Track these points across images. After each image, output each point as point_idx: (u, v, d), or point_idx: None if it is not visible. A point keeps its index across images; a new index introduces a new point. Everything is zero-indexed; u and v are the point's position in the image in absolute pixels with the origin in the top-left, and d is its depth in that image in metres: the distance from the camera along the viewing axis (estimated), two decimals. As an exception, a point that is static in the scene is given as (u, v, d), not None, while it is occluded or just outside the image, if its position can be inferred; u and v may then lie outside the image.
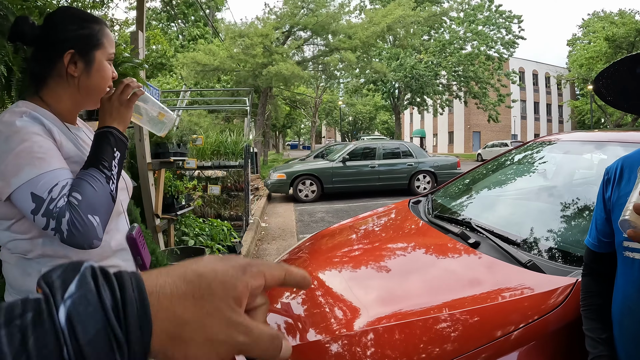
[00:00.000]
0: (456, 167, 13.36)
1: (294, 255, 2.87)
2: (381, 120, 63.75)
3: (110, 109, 1.31)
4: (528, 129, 54.66)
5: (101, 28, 1.34)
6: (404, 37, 23.43)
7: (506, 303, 1.63)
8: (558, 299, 1.56)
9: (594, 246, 1.40)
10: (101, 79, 1.34)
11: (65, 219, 1.10)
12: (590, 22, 44.05)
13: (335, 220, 8.97)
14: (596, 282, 1.38)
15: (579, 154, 2.89)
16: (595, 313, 1.35)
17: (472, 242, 2.20)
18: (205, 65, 18.83)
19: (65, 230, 1.10)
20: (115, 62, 2.51)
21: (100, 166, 1.21)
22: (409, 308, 1.69)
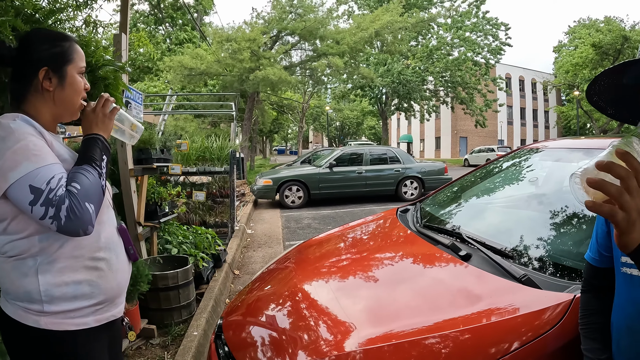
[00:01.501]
0: (443, 173, 13.36)
1: (280, 265, 2.80)
2: (368, 125, 63.88)
3: (96, 120, 1.47)
4: (514, 135, 55.13)
5: (71, 44, 1.47)
6: (391, 42, 23.44)
7: (501, 322, 1.56)
8: (555, 316, 1.50)
9: (594, 261, 1.33)
10: (74, 92, 1.46)
11: (64, 206, 1.22)
12: (576, 29, 44.59)
13: (321, 226, 8.90)
14: (596, 299, 1.31)
15: (568, 162, 2.84)
16: (595, 332, 1.29)
17: (463, 254, 2.13)
18: (192, 69, 18.63)
19: (63, 217, 1.22)
20: (96, 64, 2.43)
21: (92, 163, 1.37)
22: (401, 328, 1.62)
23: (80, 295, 1.37)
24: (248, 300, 2.36)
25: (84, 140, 1.45)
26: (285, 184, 11.87)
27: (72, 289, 1.35)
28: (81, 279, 1.37)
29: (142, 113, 4.06)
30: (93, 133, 1.46)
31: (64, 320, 1.34)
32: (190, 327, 3.44)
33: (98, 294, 1.41)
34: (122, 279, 1.53)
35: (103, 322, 1.45)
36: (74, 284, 1.35)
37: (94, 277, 1.40)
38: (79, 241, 1.36)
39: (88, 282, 1.39)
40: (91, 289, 1.39)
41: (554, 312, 1.52)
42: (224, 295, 4.51)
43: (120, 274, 1.52)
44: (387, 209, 10.41)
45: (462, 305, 1.75)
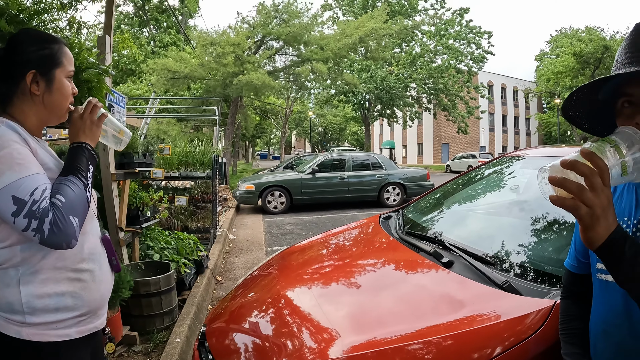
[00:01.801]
0: (425, 179, 13.44)
1: (263, 271, 2.79)
2: (351, 131, 64.03)
3: (83, 127, 1.44)
4: (496, 141, 55.75)
5: (60, 47, 1.43)
6: (375, 49, 23.58)
7: (483, 328, 1.57)
8: (536, 322, 1.53)
9: (573, 267, 1.36)
10: (62, 96, 1.43)
11: (48, 219, 1.19)
12: (557, 38, 45.27)
13: (304, 232, 8.90)
14: (575, 305, 1.34)
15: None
16: (574, 337, 1.32)
17: (445, 261, 2.15)
18: (176, 73, 18.51)
19: (47, 230, 1.19)
20: (79, 67, 2.41)
21: (78, 174, 1.34)
22: (385, 335, 1.62)
23: (62, 307, 1.34)
24: (231, 307, 2.36)
25: (70, 149, 1.42)
26: (268, 190, 11.84)
27: (55, 301, 1.32)
28: (64, 290, 1.34)
29: (125, 117, 4.03)
30: (80, 141, 1.42)
31: (46, 331, 1.31)
32: (173, 333, 3.41)
33: (81, 305, 1.39)
34: (105, 290, 1.50)
35: (85, 333, 1.42)
36: (56, 296, 1.32)
37: (77, 289, 1.38)
38: (62, 252, 1.33)
39: (71, 293, 1.36)
40: (74, 300, 1.37)
41: (535, 318, 1.54)
42: (206, 302, 4.48)
43: (104, 285, 1.49)
44: (370, 214, 10.45)
45: (444, 311, 1.76)
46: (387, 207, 12.43)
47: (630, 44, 1.10)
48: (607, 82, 1.11)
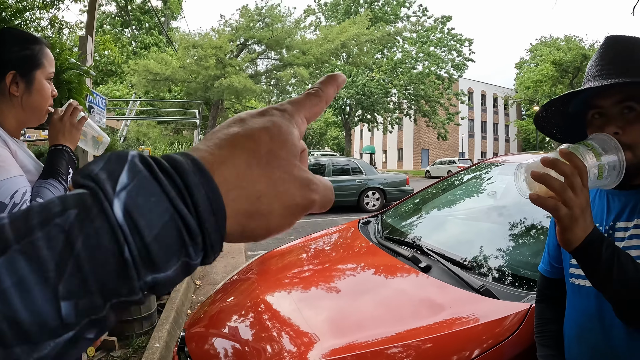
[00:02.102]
0: (405, 184, 13.50)
1: (243, 276, 2.79)
2: (332, 136, 64.12)
3: (63, 129, 1.43)
4: (475, 147, 56.24)
5: (41, 48, 1.39)
6: (357, 55, 23.68)
7: (461, 332, 1.60)
8: (513, 325, 1.56)
9: (546, 272, 1.40)
10: (41, 98, 1.39)
11: None
12: (537, 46, 45.99)
13: (283, 236, 8.87)
14: (550, 309, 1.37)
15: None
16: (549, 340, 1.35)
17: (423, 266, 2.18)
18: (157, 74, 18.37)
19: None
20: (60, 68, 2.39)
21: (58, 178, 1.33)
22: (364, 339, 1.64)
23: None
24: (210, 311, 2.35)
25: (50, 151, 1.41)
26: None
27: None
28: None
29: (105, 118, 4.00)
30: (59, 144, 1.42)
31: None
32: (152, 338, 3.38)
33: None
34: None
35: None
36: None
37: None
38: None
39: None
40: None
41: (511, 321, 1.58)
42: (185, 306, 4.45)
43: None
44: (349, 219, 10.35)
45: (423, 315, 1.80)
46: (366, 211, 12.47)
47: (600, 57, 1.13)
48: (577, 95, 1.14)
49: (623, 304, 0.95)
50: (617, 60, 1.10)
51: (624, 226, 1.10)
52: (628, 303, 0.94)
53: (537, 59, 43.12)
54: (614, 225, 1.12)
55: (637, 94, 1.05)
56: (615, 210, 1.14)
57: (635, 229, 1.07)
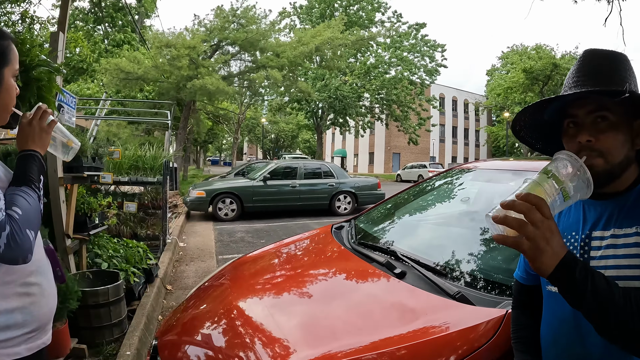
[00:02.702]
0: (377, 188, 13.61)
1: (216, 282, 2.76)
2: (303, 138, 64.17)
3: (32, 134, 1.35)
4: (446, 152, 57.18)
5: (9, 44, 1.30)
6: (330, 58, 23.73)
7: (437, 339, 1.60)
8: (489, 331, 1.57)
9: (522, 279, 1.41)
10: (9, 97, 1.31)
11: (5, 233, 1.10)
12: (508, 54, 47.02)
13: (255, 240, 8.84)
14: (525, 315, 1.39)
15: (497, 182, 2.99)
16: (525, 345, 1.36)
17: (397, 272, 2.18)
18: (129, 73, 18.00)
19: (3, 245, 1.10)
20: (30, 64, 2.33)
21: (32, 185, 1.27)
22: (338, 349, 1.63)
23: (13, 325, 1.26)
24: (183, 318, 2.32)
25: (20, 157, 1.34)
26: (219, 196, 11.69)
27: (4, 319, 1.24)
28: (14, 307, 1.26)
29: (74, 117, 3.91)
30: (30, 149, 1.35)
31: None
32: (123, 346, 3.30)
33: (31, 321, 1.31)
34: (52, 303, 1.44)
35: (34, 350, 1.34)
36: (6, 313, 1.24)
37: (27, 304, 1.30)
38: (11, 267, 1.23)
39: (20, 309, 1.28)
40: (23, 317, 1.29)
41: (487, 327, 1.59)
42: (156, 312, 4.37)
43: (52, 298, 1.43)
44: (321, 223, 10.39)
45: (398, 322, 1.78)
46: (338, 215, 12.53)
47: (577, 69, 1.17)
48: (551, 103, 1.18)
49: (600, 324, 0.97)
50: (592, 72, 1.14)
51: (600, 235, 1.13)
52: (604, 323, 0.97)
53: (508, 67, 44.11)
54: (591, 235, 1.15)
55: (609, 104, 1.09)
56: (591, 220, 1.17)
57: (612, 238, 1.10)
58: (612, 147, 1.09)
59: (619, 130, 1.10)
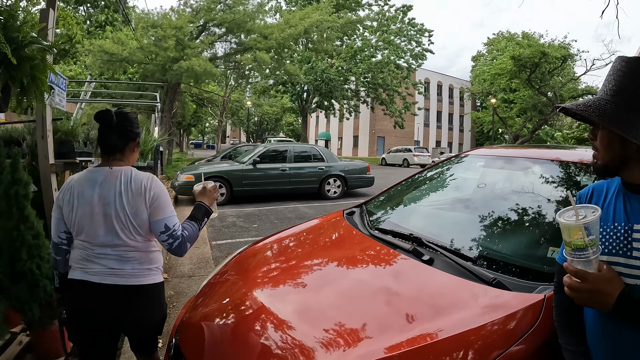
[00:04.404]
0: (366, 172, 13.53)
1: (232, 273, 2.60)
2: (287, 122, 63.88)
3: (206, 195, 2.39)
4: (430, 136, 57.50)
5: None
6: (318, 41, 23.37)
7: (484, 326, 1.55)
8: (532, 316, 1.55)
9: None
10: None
11: (178, 241, 2.06)
12: (494, 41, 47.32)
13: (246, 224, 8.69)
14: (568, 299, 1.33)
15: (509, 169, 2.92)
16: (569, 328, 1.39)
17: (426, 259, 2.10)
18: (113, 55, 17.46)
19: (175, 245, 2.06)
20: (22, 42, 2.12)
21: (196, 221, 2.22)
22: (399, 341, 1.55)
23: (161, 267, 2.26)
24: (203, 316, 2.18)
25: (195, 205, 2.32)
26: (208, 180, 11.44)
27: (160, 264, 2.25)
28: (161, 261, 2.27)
29: (65, 100, 3.70)
30: (201, 201, 2.35)
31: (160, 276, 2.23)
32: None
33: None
34: None
35: None
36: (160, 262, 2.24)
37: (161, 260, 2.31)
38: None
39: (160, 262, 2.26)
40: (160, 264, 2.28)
41: (530, 312, 1.57)
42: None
43: None
44: (312, 207, 10.26)
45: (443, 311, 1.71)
46: (328, 199, 12.43)
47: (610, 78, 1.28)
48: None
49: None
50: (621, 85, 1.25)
51: None
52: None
53: (494, 53, 44.34)
54: (632, 227, 1.22)
55: None
56: (633, 213, 1.24)
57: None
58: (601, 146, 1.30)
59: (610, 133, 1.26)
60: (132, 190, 2.01)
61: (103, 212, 1.99)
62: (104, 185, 2.01)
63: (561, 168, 2.52)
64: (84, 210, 2.00)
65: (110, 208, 1.98)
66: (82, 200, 2.00)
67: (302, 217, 9.69)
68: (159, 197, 2.05)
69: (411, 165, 33.85)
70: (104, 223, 1.99)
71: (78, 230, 2.03)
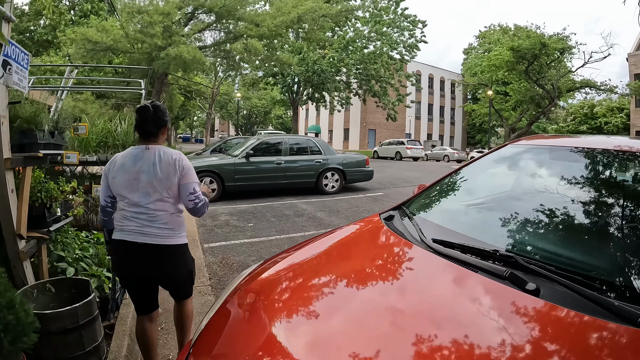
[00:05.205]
0: (365, 165, 12.89)
1: (238, 315, 1.89)
2: (276, 114, 63.15)
3: None
4: (421, 129, 57.29)
5: None
6: (311, 30, 22.52)
7: None
8: None
9: None
10: None
11: (201, 202, 2.61)
12: (486, 34, 47.02)
13: (241, 223, 7.97)
14: None
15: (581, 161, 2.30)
16: None
17: (531, 288, 1.45)
18: (97, 44, 16.50)
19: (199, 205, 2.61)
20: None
21: None
22: None
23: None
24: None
25: None
26: (198, 175, 10.62)
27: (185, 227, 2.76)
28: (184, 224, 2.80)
29: (26, 80, 2.96)
30: None
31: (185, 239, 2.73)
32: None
33: None
34: None
35: None
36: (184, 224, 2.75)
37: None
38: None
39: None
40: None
41: None
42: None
43: None
44: (310, 202, 9.51)
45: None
46: (326, 194, 11.79)
47: None
48: None
49: None
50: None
51: None
52: None
53: (486, 46, 44.01)
54: None
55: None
56: None
57: None
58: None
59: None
60: (163, 161, 2.51)
61: (139, 179, 2.48)
62: (142, 158, 2.51)
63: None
64: (123, 177, 2.49)
65: (145, 175, 2.47)
66: (123, 169, 2.51)
67: (301, 214, 8.99)
68: (188, 167, 2.57)
69: (404, 158, 33.57)
70: (139, 187, 2.48)
71: (118, 194, 2.53)
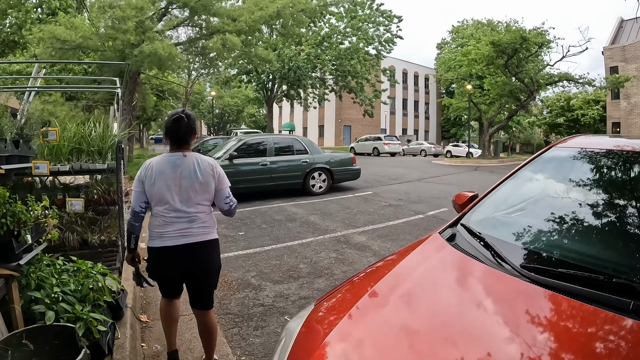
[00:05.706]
0: (352, 164, 12.50)
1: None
2: (249, 113, 62.46)
3: None
4: (396, 124, 57.46)
5: None
6: (288, 25, 21.85)
7: None
8: None
9: None
10: None
11: (235, 204, 2.97)
12: (459, 29, 47.33)
13: (231, 233, 7.40)
14: None
15: None
16: None
17: None
18: (65, 42, 15.49)
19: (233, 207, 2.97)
20: None
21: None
22: None
23: None
24: None
25: None
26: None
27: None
28: None
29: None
30: None
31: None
32: None
33: None
34: None
35: None
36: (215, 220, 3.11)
37: None
38: None
39: None
40: None
41: None
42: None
43: None
44: (299, 205, 8.83)
45: None
46: (313, 195, 11.35)
47: None
48: None
49: None
50: None
51: None
52: None
53: (459, 41, 44.31)
54: None
55: None
56: None
57: None
58: None
59: None
60: (202, 167, 2.81)
61: (180, 184, 2.75)
62: (182, 165, 2.77)
63: None
64: (165, 183, 2.74)
65: (187, 181, 2.76)
66: (162, 176, 2.74)
67: (292, 218, 8.46)
68: (223, 173, 2.94)
69: (382, 154, 33.44)
70: (179, 193, 2.75)
71: (157, 200, 2.76)
